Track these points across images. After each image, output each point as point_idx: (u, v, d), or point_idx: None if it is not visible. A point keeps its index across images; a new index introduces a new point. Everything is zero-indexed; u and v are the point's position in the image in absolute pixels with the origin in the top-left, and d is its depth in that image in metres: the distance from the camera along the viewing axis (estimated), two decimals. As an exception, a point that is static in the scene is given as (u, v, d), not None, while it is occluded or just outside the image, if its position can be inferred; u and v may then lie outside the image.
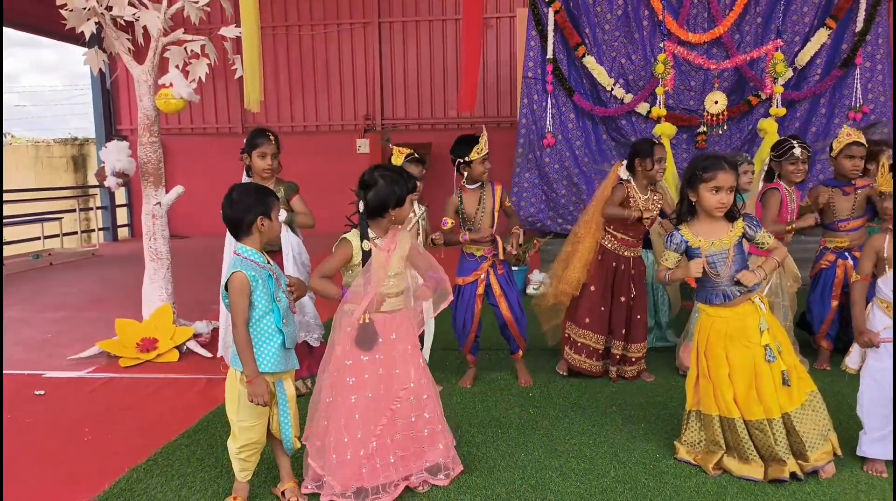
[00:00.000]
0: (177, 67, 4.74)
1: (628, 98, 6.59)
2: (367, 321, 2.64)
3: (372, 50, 11.80)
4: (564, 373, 4.20)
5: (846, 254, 4.15)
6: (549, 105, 6.72)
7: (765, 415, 2.81)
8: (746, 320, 2.85)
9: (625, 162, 3.99)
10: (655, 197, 4.03)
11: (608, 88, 6.62)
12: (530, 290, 6.82)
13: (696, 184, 2.84)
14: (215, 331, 4.90)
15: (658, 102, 6.23)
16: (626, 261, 4.06)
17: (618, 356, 4.11)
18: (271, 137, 3.83)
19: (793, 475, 2.77)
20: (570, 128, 6.81)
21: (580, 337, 4.09)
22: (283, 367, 2.56)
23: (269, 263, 2.57)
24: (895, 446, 2.77)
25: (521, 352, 4.14)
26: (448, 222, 3.94)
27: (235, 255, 2.54)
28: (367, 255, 2.68)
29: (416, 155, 3.71)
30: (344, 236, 2.77)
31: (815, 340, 4.35)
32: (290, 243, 3.92)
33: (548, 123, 6.75)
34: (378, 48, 11.79)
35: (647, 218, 3.97)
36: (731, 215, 2.89)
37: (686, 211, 2.95)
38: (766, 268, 2.89)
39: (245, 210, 2.52)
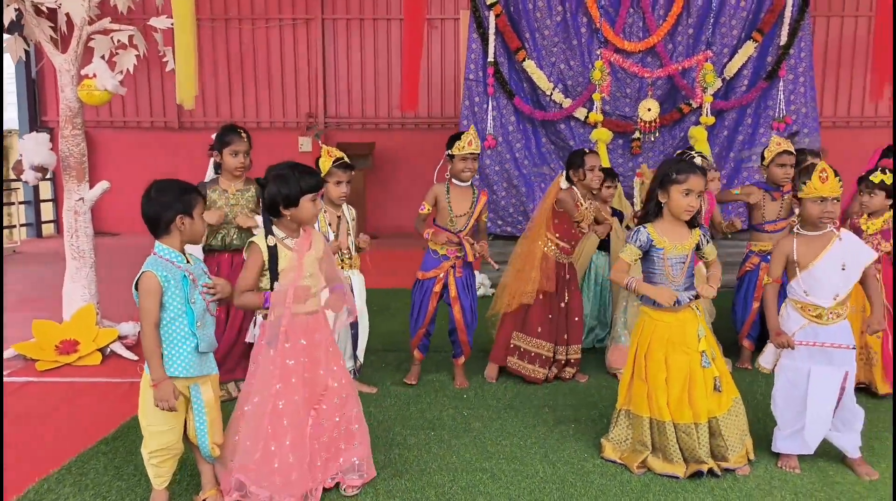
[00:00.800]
0: (102, 57, 4.55)
1: (567, 103, 6.69)
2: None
3: (315, 47, 11.64)
4: (493, 380, 4.21)
5: (769, 257, 4.32)
6: (489, 107, 6.76)
7: (693, 420, 2.89)
8: (686, 326, 2.92)
9: (563, 173, 4.07)
10: (596, 205, 4.10)
11: (548, 93, 6.71)
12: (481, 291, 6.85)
13: (668, 185, 2.87)
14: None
15: (595, 107, 6.36)
16: (564, 267, 4.13)
17: (561, 360, 4.16)
18: (243, 135, 3.78)
19: (710, 472, 2.86)
20: (511, 130, 6.86)
21: (532, 347, 4.12)
22: (197, 371, 2.48)
23: (188, 262, 2.49)
24: (895, 445, 2.86)
25: (463, 358, 4.14)
26: (425, 207, 3.98)
27: (152, 254, 2.45)
28: (272, 251, 2.63)
29: (345, 160, 3.67)
30: (250, 239, 2.72)
31: (738, 338, 4.51)
32: None
33: (489, 125, 6.79)
34: (321, 45, 11.63)
35: (584, 224, 4.02)
36: (692, 222, 2.96)
37: (652, 211, 2.97)
38: (716, 280, 2.96)
39: (164, 208, 2.43)
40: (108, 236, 10.51)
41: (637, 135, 6.54)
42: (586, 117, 6.53)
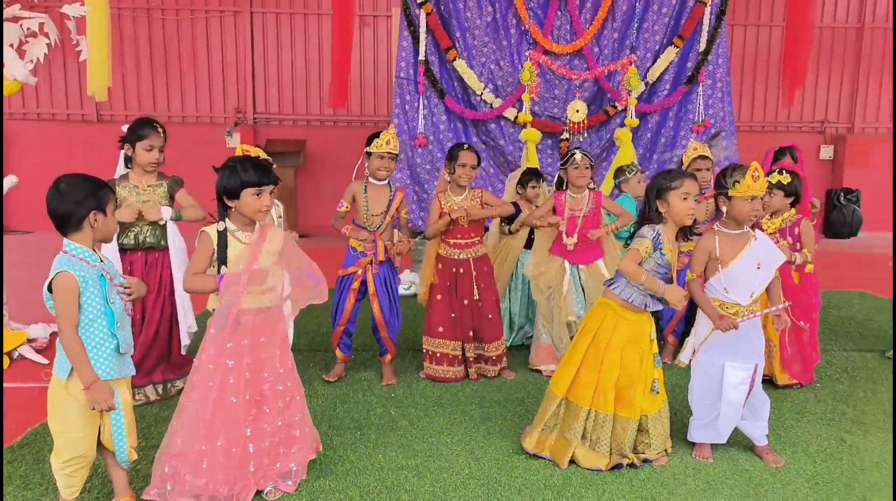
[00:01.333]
0: (11, 45, 4.31)
1: (497, 103, 6.75)
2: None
3: (243, 41, 11.35)
4: (426, 377, 4.23)
5: None
6: (420, 106, 6.75)
7: (633, 414, 2.96)
8: (643, 327, 2.99)
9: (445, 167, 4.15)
10: (475, 194, 4.11)
11: (478, 93, 6.75)
12: (401, 290, 6.84)
13: (666, 194, 2.88)
14: (54, 335, 4.51)
15: (524, 108, 6.44)
16: (466, 263, 4.13)
17: (473, 358, 4.18)
18: (159, 129, 3.66)
19: (630, 463, 2.95)
20: (442, 129, 6.87)
21: (437, 347, 4.14)
22: (117, 373, 2.39)
23: (101, 261, 2.39)
24: (895, 446, 2.96)
25: (389, 356, 4.14)
26: (343, 205, 3.99)
27: (62, 253, 2.34)
28: (222, 237, 2.63)
29: (261, 155, 3.61)
30: (202, 229, 2.69)
31: (663, 334, 4.67)
32: (176, 241, 3.73)
33: (420, 123, 6.78)
34: (250, 39, 11.36)
35: (463, 218, 4.02)
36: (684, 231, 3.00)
37: (649, 220, 2.95)
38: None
39: (76, 204, 2.32)
40: (18, 234, 9.98)
41: (565, 135, 6.66)
42: (516, 117, 6.61)
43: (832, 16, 12.08)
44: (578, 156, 4.14)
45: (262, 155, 3.65)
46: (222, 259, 2.63)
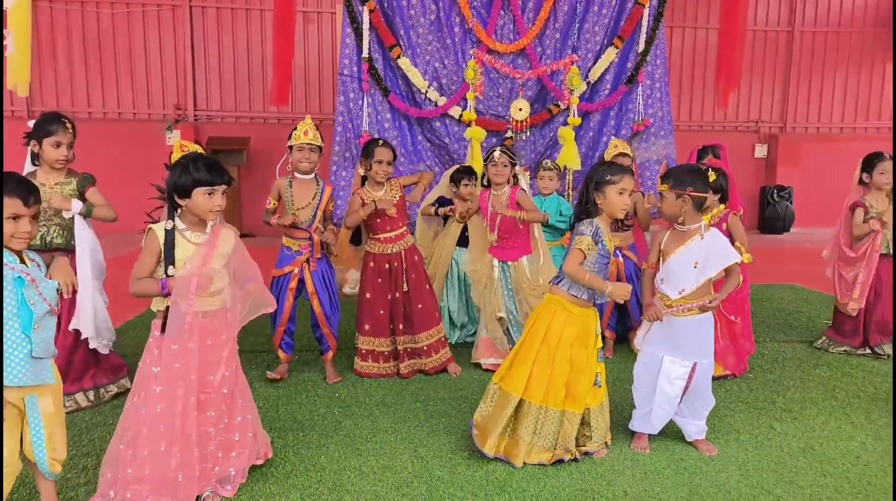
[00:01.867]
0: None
1: (442, 101, 6.75)
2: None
3: (182, 36, 11.07)
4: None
5: (617, 252, 4.59)
6: (365, 104, 6.70)
7: (582, 408, 3.01)
8: (590, 322, 3.02)
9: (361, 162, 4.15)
10: (394, 183, 4.13)
11: (423, 91, 6.74)
12: (347, 289, 6.79)
13: (604, 187, 2.91)
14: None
15: (469, 106, 6.47)
16: (398, 257, 4.14)
17: (408, 350, 4.17)
18: (68, 125, 3.48)
19: (573, 458, 3.00)
20: (387, 127, 6.84)
21: (365, 345, 4.15)
22: (33, 380, 2.28)
23: (23, 263, 2.29)
24: (895, 445, 3.01)
25: (331, 353, 4.11)
26: (271, 202, 3.96)
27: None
28: (170, 236, 2.57)
29: (200, 150, 3.52)
30: (149, 226, 2.62)
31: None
32: (85, 239, 3.56)
33: (364, 121, 6.73)
34: (189, 34, 11.09)
35: (389, 208, 4.02)
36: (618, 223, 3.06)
37: (585, 212, 2.98)
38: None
39: None
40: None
41: (510, 134, 6.72)
42: (461, 116, 6.63)
43: (764, 19, 12.54)
44: (497, 154, 4.25)
45: (201, 151, 3.58)
46: (169, 259, 2.56)
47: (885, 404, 3.78)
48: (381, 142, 4.10)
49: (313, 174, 3.96)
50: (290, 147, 3.90)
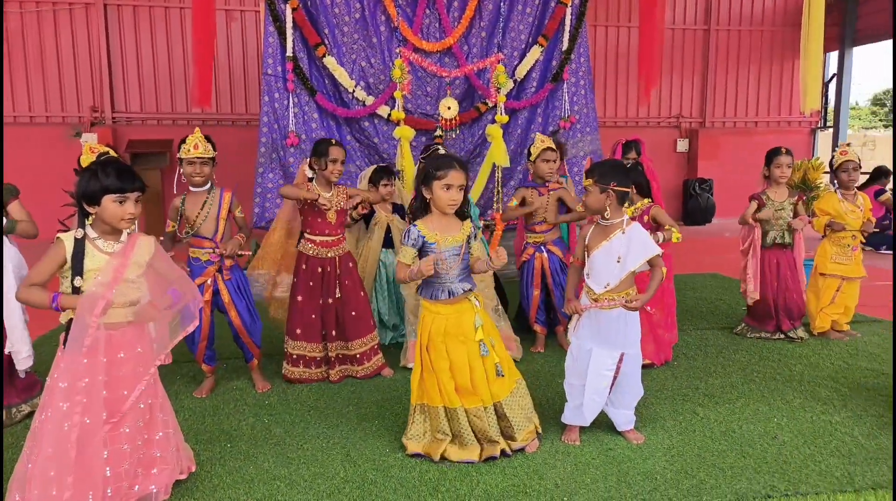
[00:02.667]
0: None
1: (370, 100, 6.71)
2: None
3: (97, 36, 10.60)
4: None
5: (542, 247, 4.67)
6: (290, 104, 6.58)
7: (481, 403, 3.02)
8: (463, 316, 3.02)
9: (308, 160, 4.08)
10: (340, 190, 4.10)
11: (350, 90, 6.68)
12: (277, 293, 6.64)
13: (430, 181, 2.94)
14: None
15: (397, 105, 6.43)
16: (332, 262, 4.09)
17: (339, 356, 4.13)
18: None
19: (502, 452, 3.02)
20: (314, 128, 6.74)
21: (296, 349, 4.07)
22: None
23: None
24: (895, 451, 3.04)
25: (255, 361, 4.01)
26: (169, 225, 3.77)
27: None
28: (79, 245, 2.44)
29: (111, 153, 3.36)
30: (58, 235, 2.47)
31: (528, 324, 4.81)
32: (8, 254, 3.40)
33: (290, 122, 6.61)
34: (105, 34, 10.62)
35: (330, 210, 4.01)
36: (461, 214, 3.06)
37: (420, 208, 3.03)
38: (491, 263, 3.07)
39: None
40: None
41: (439, 132, 6.72)
42: (389, 115, 6.59)
43: (682, 18, 12.99)
44: (442, 151, 4.24)
45: (113, 154, 3.42)
46: (77, 270, 2.43)
47: (799, 385, 3.97)
48: (333, 141, 4.05)
49: (208, 185, 3.81)
50: (181, 160, 3.72)
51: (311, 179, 4.04)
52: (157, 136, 10.74)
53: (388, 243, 4.74)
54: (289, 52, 6.47)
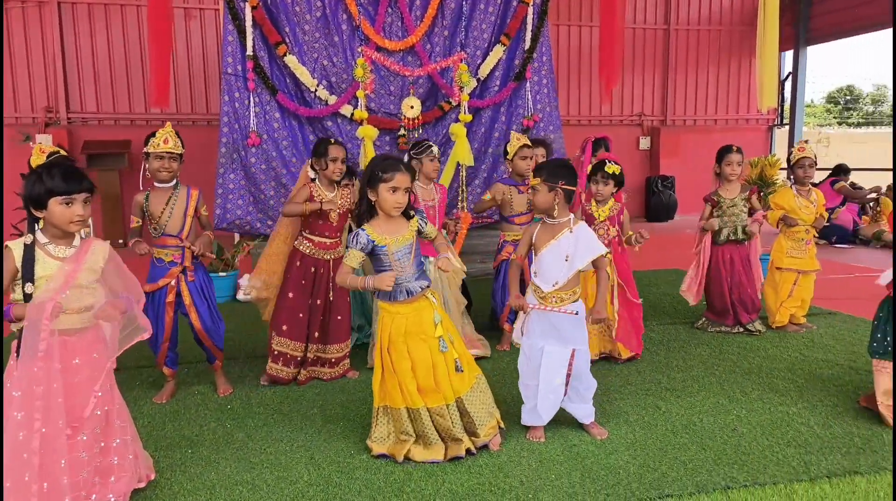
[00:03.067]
0: None
1: (332, 100, 6.66)
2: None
3: (51, 34, 10.32)
4: (266, 383, 4.08)
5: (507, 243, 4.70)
6: (251, 103, 6.49)
7: (444, 402, 3.02)
8: (422, 314, 3.02)
9: (310, 161, 4.04)
10: (345, 192, 4.10)
11: (312, 89, 6.61)
12: (241, 295, 6.56)
13: (376, 184, 2.94)
14: None
15: (360, 104, 6.39)
16: (326, 264, 4.07)
17: (311, 359, 4.10)
18: None
19: (468, 451, 3.02)
20: (276, 127, 6.66)
21: (279, 346, 4.02)
22: None
23: None
24: (895, 447, 3.06)
25: (218, 362, 3.95)
26: (133, 220, 3.71)
27: None
28: (28, 251, 2.38)
29: (61, 152, 3.27)
30: (6, 243, 2.41)
31: (499, 323, 4.83)
32: None
33: (251, 121, 6.52)
34: (59, 32, 10.35)
35: (332, 212, 3.99)
36: (407, 214, 3.06)
37: (366, 211, 3.03)
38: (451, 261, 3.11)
39: None
40: None
41: (402, 131, 6.71)
42: (352, 114, 6.55)
43: (643, 18, 13.17)
44: (435, 149, 4.33)
45: (64, 154, 3.33)
46: (28, 276, 2.36)
47: (757, 377, 4.06)
48: (332, 140, 4.03)
49: (174, 181, 3.75)
50: (147, 155, 3.65)
51: (313, 180, 4.01)
52: (114, 136, 10.51)
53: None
54: (249, 51, 6.38)
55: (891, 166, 12.32)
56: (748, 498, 2.66)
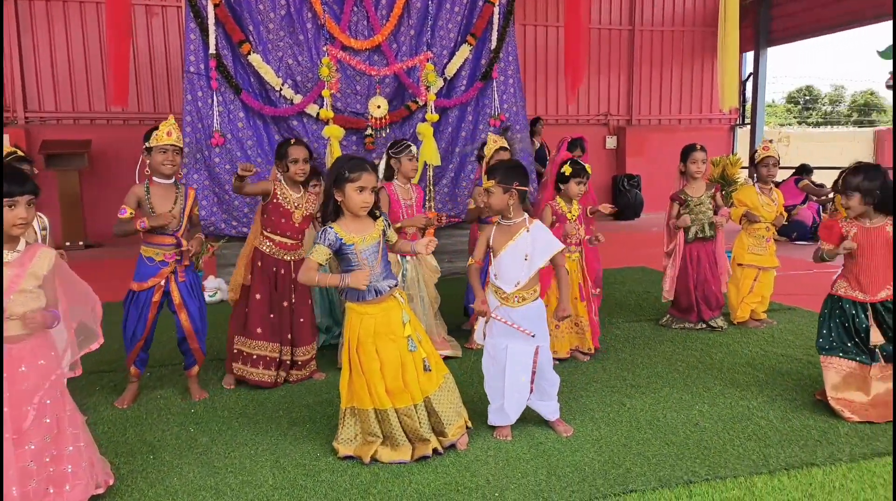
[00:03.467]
0: None
1: (297, 99, 6.58)
2: None
3: (7, 31, 10.03)
4: (231, 387, 4.03)
5: None
6: (215, 103, 6.39)
7: (412, 402, 3.01)
8: (390, 314, 3.01)
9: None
10: (311, 196, 4.09)
11: (277, 88, 6.53)
12: (206, 297, 6.46)
13: (343, 184, 2.91)
14: None
15: (325, 104, 6.34)
16: (287, 265, 4.04)
17: (287, 362, 4.07)
18: None
19: (434, 450, 3.02)
20: (241, 127, 6.56)
21: (255, 349, 3.96)
22: None
23: None
24: (895, 444, 3.07)
25: (196, 367, 3.89)
26: (126, 211, 3.59)
27: None
28: None
29: (18, 153, 3.19)
30: None
31: (470, 322, 4.84)
32: None
33: (215, 121, 6.42)
34: (16, 29, 10.08)
35: (300, 213, 3.99)
36: (373, 214, 3.04)
37: (332, 211, 3.01)
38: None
39: None
40: None
41: (369, 131, 6.68)
42: (318, 114, 6.49)
43: (608, 18, 13.31)
44: (414, 148, 4.36)
45: (21, 154, 3.25)
46: None
47: (719, 372, 4.14)
48: (292, 141, 3.99)
49: (174, 178, 3.70)
50: (149, 149, 3.59)
51: (278, 180, 3.99)
52: (73, 136, 10.28)
53: None
54: (212, 50, 6.28)
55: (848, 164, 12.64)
56: (709, 492, 2.71)
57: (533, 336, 3.16)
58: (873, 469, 2.86)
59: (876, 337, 3.34)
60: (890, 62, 7.46)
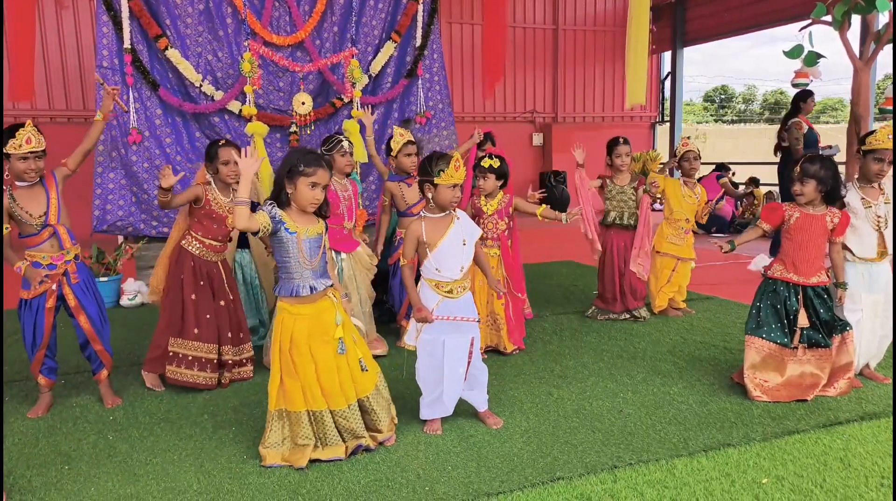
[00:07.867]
0: None
1: (219, 95, 6.40)
2: None
3: None
4: (160, 389, 3.90)
5: None
6: (131, 99, 6.14)
7: (346, 403, 2.98)
8: (325, 315, 2.95)
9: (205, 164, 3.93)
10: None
11: (196, 84, 6.34)
12: (125, 301, 6.22)
13: (296, 177, 2.83)
14: None
15: (248, 100, 6.20)
16: (216, 266, 3.97)
17: (231, 361, 3.99)
18: None
19: (365, 447, 3.01)
20: (158, 124, 6.34)
21: (191, 350, 3.84)
22: None
23: None
24: (895, 443, 3.08)
25: (105, 371, 3.71)
26: (5, 229, 3.40)
27: None
28: None
29: None
30: None
31: (396, 320, 4.83)
32: None
33: (132, 118, 6.17)
34: None
35: (227, 215, 3.91)
36: (321, 214, 3.00)
37: (281, 202, 2.90)
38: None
39: None
40: None
41: (294, 128, 6.56)
42: (240, 111, 6.34)
43: (532, 17, 13.55)
44: (346, 144, 4.29)
45: None
46: None
47: (642, 361, 4.28)
48: (222, 142, 3.87)
49: (39, 180, 3.49)
50: (6, 156, 3.36)
51: (208, 183, 3.87)
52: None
53: (243, 243, 4.58)
54: (126, 44, 6.03)
55: (759, 160, 13.32)
56: (633, 476, 2.80)
57: (477, 320, 3.23)
58: (784, 447, 3.03)
59: (802, 320, 3.55)
60: (796, 61, 7.88)
